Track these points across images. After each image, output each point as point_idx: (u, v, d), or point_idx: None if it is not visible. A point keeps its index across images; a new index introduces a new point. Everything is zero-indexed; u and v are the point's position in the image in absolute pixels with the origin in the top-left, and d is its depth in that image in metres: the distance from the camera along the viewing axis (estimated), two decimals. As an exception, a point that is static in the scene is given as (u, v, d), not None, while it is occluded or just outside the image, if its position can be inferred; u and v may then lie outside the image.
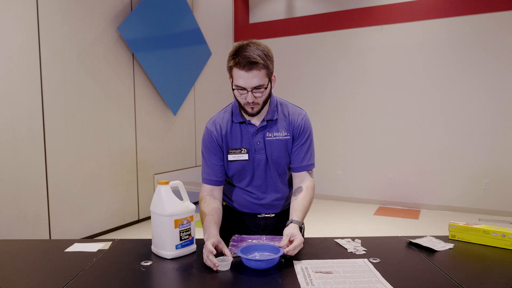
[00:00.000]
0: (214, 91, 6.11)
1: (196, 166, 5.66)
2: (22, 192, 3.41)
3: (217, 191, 1.54)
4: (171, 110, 5.14)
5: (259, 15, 6.68)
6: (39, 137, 3.54)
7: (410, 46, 5.34)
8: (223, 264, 1.18)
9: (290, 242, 1.28)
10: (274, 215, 1.60)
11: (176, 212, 1.27)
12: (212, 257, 1.18)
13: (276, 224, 1.61)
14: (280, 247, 1.23)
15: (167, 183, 1.32)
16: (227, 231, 1.58)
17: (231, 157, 1.50)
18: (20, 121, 3.37)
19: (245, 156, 1.49)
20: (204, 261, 1.21)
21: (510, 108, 4.83)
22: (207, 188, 1.53)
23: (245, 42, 1.38)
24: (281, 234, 1.53)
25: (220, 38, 6.23)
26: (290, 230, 1.31)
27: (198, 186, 6.41)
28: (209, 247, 1.20)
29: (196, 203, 1.45)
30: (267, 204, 1.57)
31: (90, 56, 4.00)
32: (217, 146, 1.51)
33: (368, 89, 5.66)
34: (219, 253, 1.25)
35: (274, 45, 6.31)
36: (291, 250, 1.23)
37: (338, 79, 5.87)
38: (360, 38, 5.66)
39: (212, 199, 1.50)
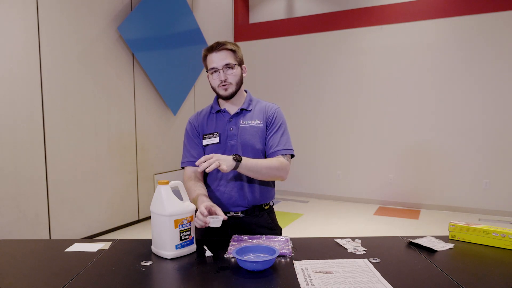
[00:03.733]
0: (214, 91, 6.10)
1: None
2: (22, 192, 3.40)
3: (199, 174, 1.64)
4: (171, 110, 5.14)
5: (259, 15, 6.68)
6: (39, 137, 3.54)
7: (410, 46, 5.34)
8: (214, 221, 1.23)
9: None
10: (243, 215, 1.59)
11: (176, 212, 1.27)
12: (201, 217, 1.29)
13: (245, 224, 1.60)
14: (276, 248, 1.22)
15: (167, 183, 1.31)
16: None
17: (205, 142, 1.63)
18: (20, 121, 3.37)
19: (216, 140, 1.60)
20: (195, 222, 1.32)
21: (510, 108, 4.83)
22: (189, 171, 1.63)
23: None
24: (251, 234, 1.54)
25: (220, 38, 6.16)
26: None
27: (198, 186, 6.23)
28: (201, 209, 1.32)
29: (196, 203, 1.45)
30: (238, 193, 1.57)
31: (90, 56, 4.00)
32: (196, 133, 1.66)
33: (368, 89, 5.66)
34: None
35: (274, 45, 6.32)
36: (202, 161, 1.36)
37: (338, 79, 5.87)
38: (360, 38, 5.66)
39: (197, 182, 1.59)
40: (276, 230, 1.67)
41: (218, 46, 1.54)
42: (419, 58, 5.29)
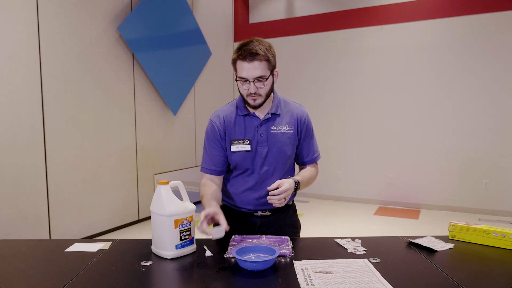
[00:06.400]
0: (214, 91, 6.11)
1: (196, 166, 5.65)
2: (22, 192, 3.40)
3: (216, 179, 1.60)
4: (171, 110, 5.14)
5: (259, 15, 6.68)
6: (39, 137, 3.53)
7: (410, 46, 5.34)
8: (216, 231, 1.22)
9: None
10: (270, 213, 1.60)
11: (176, 212, 1.27)
12: (204, 225, 1.27)
13: (273, 223, 1.61)
14: (276, 248, 1.23)
15: (167, 183, 1.32)
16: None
17: (234, 148, 1.54)
18: (20, 121, 3.37)
19: (247, 147, 1.53)
20: (198, 228, 1.29)
21: (510, 108, 4.83)
22: (207, 177, 1.60)
23: (249, 39, 1.48)
24: (277, 234, 1.54)
25: (220, 38, 6.23)
26: (283, 180, 1.43)
27: (198, 186, 6.41)
28: (201, 215, 1.30)
29: (196, 203, 1.46)
30: (265, 196, 1.56)
31: (90, 56, 4.00)
32: (219, 137, 1.56)
33: (368, 89, 5.66)
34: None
35: (274, 45, 6.28)
36: (275, 195, 1.37)
37: (338, 79, 5.87)
38: (360, 38, 5.66)
39: (212, 184, 1.56)
40: (298, 228, 1.74)
41: (250, 57, 1.39)
42: (419, 58, 5.29)
